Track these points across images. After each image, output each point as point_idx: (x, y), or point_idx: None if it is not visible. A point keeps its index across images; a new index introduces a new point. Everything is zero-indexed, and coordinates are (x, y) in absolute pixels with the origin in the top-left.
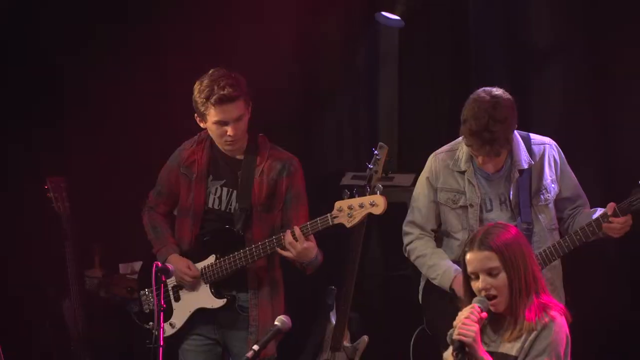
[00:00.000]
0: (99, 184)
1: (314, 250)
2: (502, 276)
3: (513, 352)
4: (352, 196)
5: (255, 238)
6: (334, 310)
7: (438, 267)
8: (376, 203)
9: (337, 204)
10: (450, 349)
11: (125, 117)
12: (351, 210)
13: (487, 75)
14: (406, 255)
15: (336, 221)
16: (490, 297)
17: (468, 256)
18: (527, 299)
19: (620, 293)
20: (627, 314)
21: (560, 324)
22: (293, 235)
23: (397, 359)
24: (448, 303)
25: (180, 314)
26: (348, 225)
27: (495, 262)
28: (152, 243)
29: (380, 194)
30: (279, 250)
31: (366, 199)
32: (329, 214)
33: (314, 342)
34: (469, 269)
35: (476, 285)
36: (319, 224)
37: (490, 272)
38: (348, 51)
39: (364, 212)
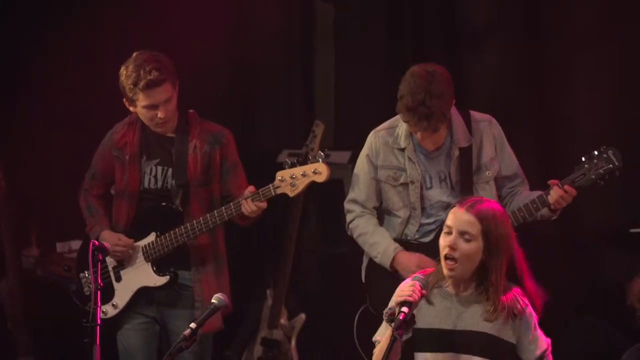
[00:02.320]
0: (35, 163)
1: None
2: (473, 246)
3: (503, 336)
4: (293, 166)
5: (193, 213)
6: (271, 288)
7: (379, 245)
8: (319, 171)
9: (279, 174)
10: (380, 330)
11: (61, 99)
12: (294, 179)
13: (424, 52)
14: (349, 233)
15: (279, 191)
16: (450, 258)
17: (452, 211)
18: (502, 283)
19: (558, 269)
20: (565, 290)
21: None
22: (253, 199)
23: (335, 336)
24: (392, 281)
25: (122, 294)
26: (291, 194)
27: (473, 229)
28: (86, 221)
29: (323, 161)
30: (244, 212)
31: (308, 168)
32: (270, 185)
33: (251, 320)
34: (448, 221)
35: (446, 239)
36: (261, 196)
37: (464, 235)
38: (283, 27)
39: (306, 180)
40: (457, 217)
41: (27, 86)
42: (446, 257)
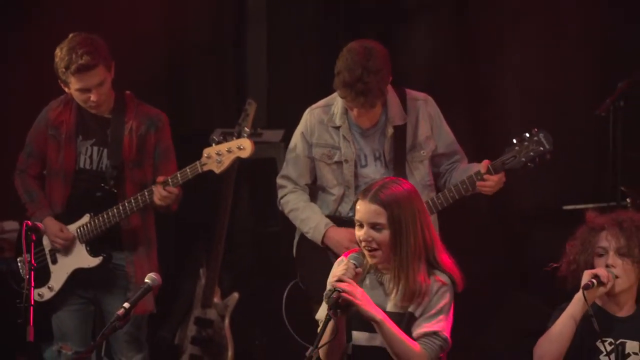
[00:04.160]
0: None
1: (180, 194)
2: (386, 233)
3: (408, 310)
4: (219, 143)
5: (127, 194)
6: (204, 267)
7: (310, 220)
8: (243, 147)
9: (205, 151)
10: (322, 310)
11: None
12: (219, 155)
13: (357, 29)
14: (280, 208)
15: (205, 168)
16: (370, 249)
17: (358, 205)
18: (417, 262)
19: (492, 248)
20: (499, 268)
21: (452, 287)
22: (164, 185)
23: (268, 314)
24: (322, 257)
25: (58, 276)
26: (217, 171)
27: (381, 219)
28: (26, 206)
29: (247, 137)
30: (155, 199)
31: (233, 144)
32: (197, 162)
33: (184, 299)
34: (357, 216)
35: (359, 233)
36: (189, 173)
37: (375, 226)
38: (215, 5)
39: (232, 156)
40: (363, 210)
41: None
42: (365, 248)
